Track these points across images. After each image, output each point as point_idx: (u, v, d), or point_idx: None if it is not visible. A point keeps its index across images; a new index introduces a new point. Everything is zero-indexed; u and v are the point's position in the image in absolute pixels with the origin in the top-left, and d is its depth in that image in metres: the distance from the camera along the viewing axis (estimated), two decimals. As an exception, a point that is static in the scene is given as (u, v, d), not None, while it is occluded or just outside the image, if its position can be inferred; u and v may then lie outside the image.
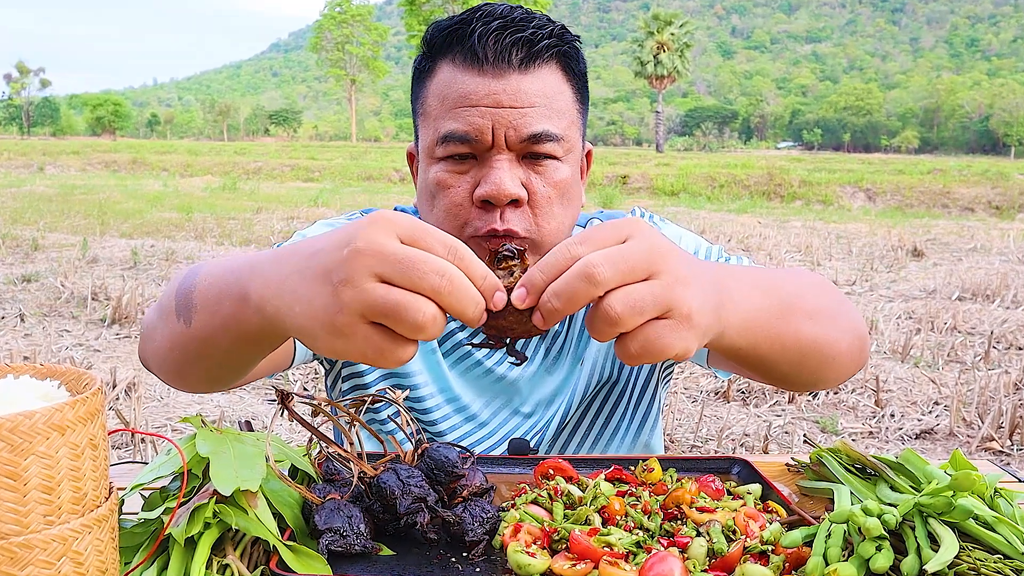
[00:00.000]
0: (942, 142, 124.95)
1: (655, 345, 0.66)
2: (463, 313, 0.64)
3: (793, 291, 0.91)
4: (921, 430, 4.34)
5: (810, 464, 1.01)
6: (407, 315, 0.62)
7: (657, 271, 0.66)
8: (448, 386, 1.23)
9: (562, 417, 1.24)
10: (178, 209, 15.33)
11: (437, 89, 1.07)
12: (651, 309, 0.65)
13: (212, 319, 0.82)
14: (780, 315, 0.85)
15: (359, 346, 0.64)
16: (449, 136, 1.04)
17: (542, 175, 1.05)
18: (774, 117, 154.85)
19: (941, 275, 8.94)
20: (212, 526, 0.72)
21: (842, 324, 0.97)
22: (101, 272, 8.22)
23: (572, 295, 0.64)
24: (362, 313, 0.63)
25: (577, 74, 1.10)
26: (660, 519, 0.81)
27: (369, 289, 0.63)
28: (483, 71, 1.03)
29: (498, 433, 1.25)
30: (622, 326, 0.65)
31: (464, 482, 0.84)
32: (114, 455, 3.69)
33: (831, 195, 22.94)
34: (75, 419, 0.60)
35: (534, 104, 1.03)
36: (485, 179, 1.03)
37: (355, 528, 0.75)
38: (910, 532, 0.75)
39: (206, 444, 0.76)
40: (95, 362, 5.19)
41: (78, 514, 0.61)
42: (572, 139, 1.08)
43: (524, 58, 1.03)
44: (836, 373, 0.99)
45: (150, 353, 0.99)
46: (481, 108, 1.02)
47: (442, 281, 0.63)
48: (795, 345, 0.88)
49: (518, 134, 1.02)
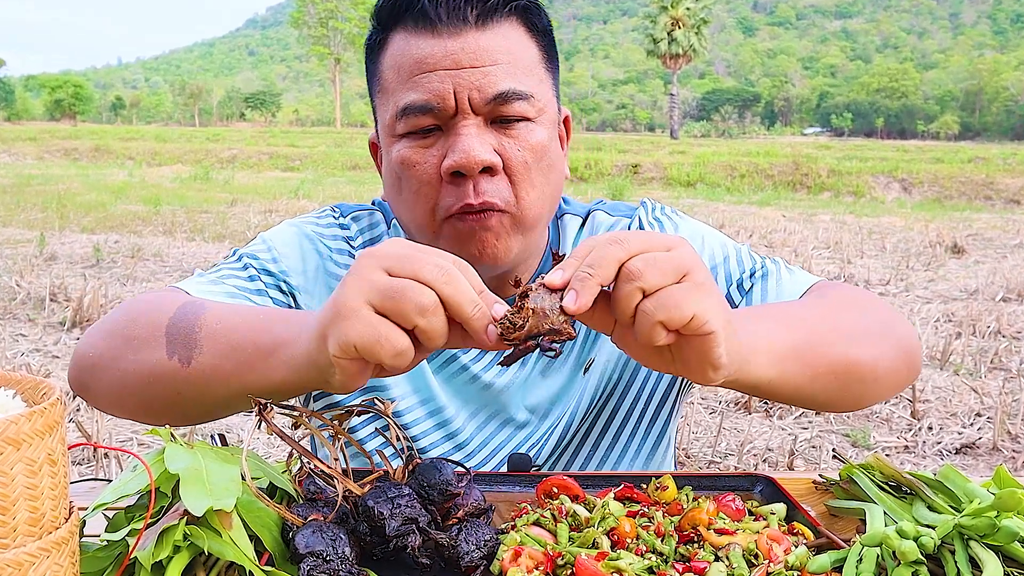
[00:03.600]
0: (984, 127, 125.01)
1: (669, 300, 0.74)
2: (460, 306, 0.75)
3: (825, 315, 0.99)
4: (962, 444, 4.34)
5: (840, 482, 1.01)
6: (410, 295, 0.73)
7: (675, 245, 0.77)
8: (432, 396, 1.21)
9: (563, 430, 1.22)
10: (145, 201, 15.33)
11: (392, 61, 1.07)
12: (670, 270, 0.74)
13: (223, 363, 0.88)
14: (810, 343, 0.93)
15: (362, 328, 0.74)
16: (409, 108, 1.03)
17: (515, 139, 1.05)
18: (800, 100, 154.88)
19: (983, 274, 8.95)
20: (182, 549, 0.72)
21: (884, 341, 1.01)
22: (60, 270, 8.22)
23: (602, 257, 0.75)
24: (368, 298, 0.75)
25: (541, 30, 1.10)
26: (675, 542, 0.81)
27: (374, 277, 0.75)
28: (438, 32, 1.03)
29: (484, 450, 1.23)
30: (643, 280, 0.74)
31: (459, 501, 0.84)
32: (75, 472, 3.68)
33: (863, 186, 22.96)
34: (32, 432, 0.60)
35: (497, 62, 1.03)
36: (452, 148, 1.02)
37: (339, 552, 0.75)
38: (949, 557, 0.75)
39: (176, 459, 0.76)
40: (54, 369, 5.19)
41: (35, 536, 0.61)
42: (544, 99, 1.08)
43: (480, 14, 1.03)
44: (881, 391, 1.03)
45: (106, 384, 0.98)
46: (440, 72, 1.02)
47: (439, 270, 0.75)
48: (831, 371, 0.95)
49: (483, 95, 1.02)
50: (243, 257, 1.19)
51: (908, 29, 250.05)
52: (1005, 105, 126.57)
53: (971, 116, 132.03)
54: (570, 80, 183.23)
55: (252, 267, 1.18)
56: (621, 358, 1.23)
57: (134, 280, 8.08)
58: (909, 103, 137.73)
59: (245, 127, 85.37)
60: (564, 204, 1.28)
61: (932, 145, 47.96)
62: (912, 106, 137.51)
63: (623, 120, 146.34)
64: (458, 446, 1.22)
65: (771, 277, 1.18)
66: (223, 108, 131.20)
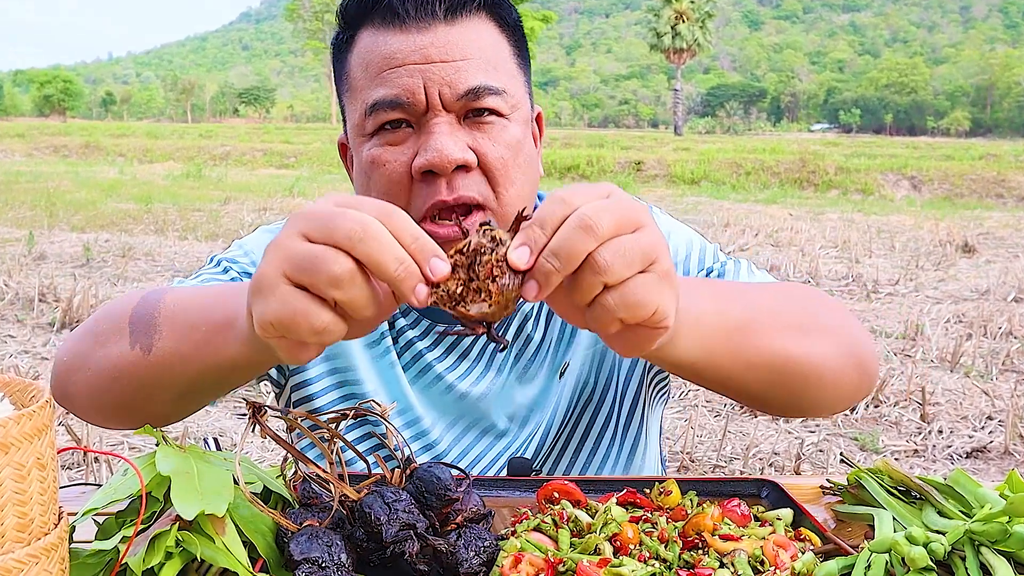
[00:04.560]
0: (996, 124, 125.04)
1: (634, 297, 0.69)
2: (381, 267, 0.67)
3: (767, 304, 0.94)
4: (972, 448, 4.34)
5: (848, 486, 1.01)
6: (322, 266, 0.67)
7: (643, 224, 0.71)
8: (409, 406, 1.21)
9: (543, 436, 1.21)
10: (136, 199, 15.34)
11: (359, 59, 1.07)
12: (638, 260, 0.69)
13: (180, 345, 0.87)
14: (742, 327, 0.88)
15: (276, 306, 0.68)
16: (378, 103, 1.03)
17: (489, 135, 1.04)
18: (807, 96, 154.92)
19: (995, 273, 8.95)
20: (174, 556, 0.72)
21: (832, 341, 0.97)
22: (49, 270, 8.22)
23: (571, 250, 0.67)
24: (283, 270, 0.69)
25: (511, 25, 1.10)
26: (679, 548, 0.81)
27: (290, 244, 0.69)
28: (406, 28, 1.03)
29: (463, 461, 1.22)
30: (609, 275, 0.68)
31: (458, 507, 0.84)
32: (64, 476, 3.69)
33: (871, 183, 22.95)
34: (20, 436, 0.60)
35: (467, 56, 1.03)
36: (424, 147, 1.01)
37: (335, 558, 0.75)
38: (960, 563, 0.75)
39: (168, 462, 0.76)
40: (43, 372, 5.19)
41: (24, 543, 0.61)
42: (517, 95, 1.07)
43: (449, 8, 1.03)
44: (827, 397, 0.99)
45: (80, 385, 0.98)
46: (409, 66, 1.02)
47: (355, 227, 0.67)
48: (765, 362, 0.91)
49: (454, 90, 1.01)
50: (222, 262, 1.20)
51: (918, 23, 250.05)
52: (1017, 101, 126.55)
53: (982, 112, 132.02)
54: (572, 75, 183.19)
55: (232, 270, 1.18)
56: (595, 359, 1.22)
57: (125, 280, 8.08)
58: (919, 99, 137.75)
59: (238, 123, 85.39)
60: (539, 201, 1.28)
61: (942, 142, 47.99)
62: (922, 102, 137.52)
63: (626, 116, 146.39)
64: (436, 457, 1.22)
65: (727, 276, 1.16)
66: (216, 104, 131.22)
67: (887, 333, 6.42)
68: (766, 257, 9.80)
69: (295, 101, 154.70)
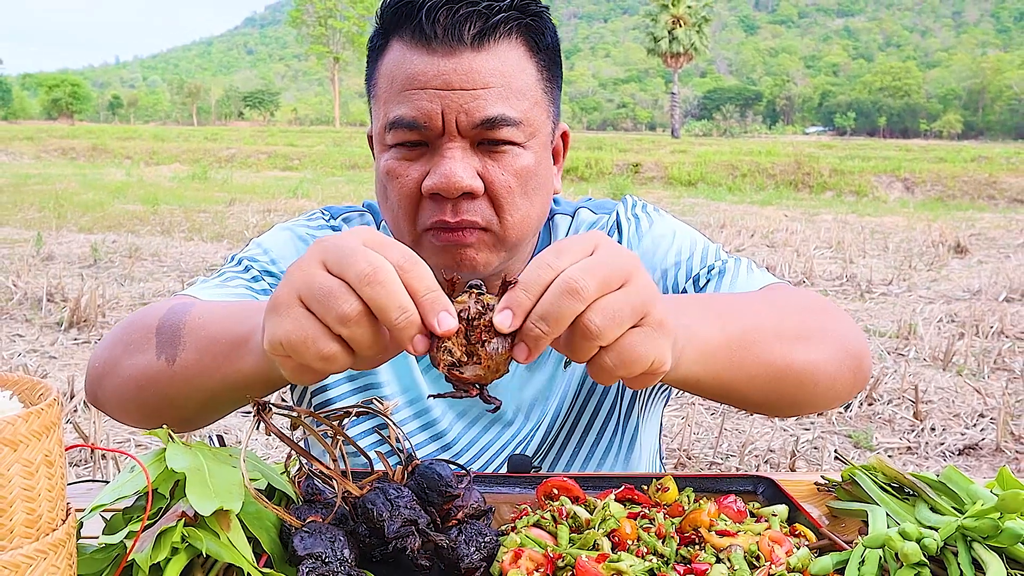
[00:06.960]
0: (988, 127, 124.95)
1: (631, 355, 0.70)
2: (384, 312, 0.68)
3: (765, 315, 0.95)
4: (965, 445, 4.34)
5: (842, 483, 1.01)
6: (332, 302, 0.68)
7: (630, 277, 0.71)
8: (419, 396, 1.22)
9: (548, 428, 1.22)
10: (142, 201, 15.33)
11: (387, 70, 1.07)
12: (629, 318, 0.70)
13: (202, 357, 0.89)
14: (743, 341, 0.90)
15: (288, 327, 0.70)
16: (397, 122, 1.04)
17: (500, 163, 1.05)
18: (802, 99, 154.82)
19: (987, 274, 8.94)
20: (180, 551, 0.72)
21: (827, 344, 0.98)
22: (57, 270, 8.22)
23: (559, 315, 0.68)
24: (299, 294, 0.70)
25: (543, 49, 1.09)
26: (676, 544, 0.81)
27: (308, 271, 0.71)
28: (432, 49, 1.03)
29: (471, 451, 1.23)
30: (602, 339, 0.69)
31: (459, 503, 0.84)
32: (72, 473, 3.69)
33: (865, 185, 22.95)
34: (28, 433, 0.60)
35: (488, 85, 1.02)
36: (434, 170, 1.03)
37: (338, 554, 0.75)
38: (952, 558, 0.75)
39: (180, 460, 0.76)
40: (51, 370, 5.19)
41: (32, 538, 0.61)
42: (536, 122, 1.07)
43: (478, 34, 1.02)
44: (824, 397, 1.00)
45: (110, 391, 1.01)
46: (430, 91, 1.02)
47: (368, 270, 0.68)
48: (765, 372, 0.92)
49: (470, 119, 1.02)
50: (243, 260, 1.22)
51: (911, 27, 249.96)
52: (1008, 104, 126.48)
53: (974, 115, 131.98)
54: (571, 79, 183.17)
55: (254, 268, 1.20)
56: None
57: (132, 280, 8.08)
58: (912, 102, 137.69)
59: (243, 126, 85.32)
60: (555, 205, 1.29)
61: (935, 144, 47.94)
62: (915, 105, 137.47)
63: (624, 119, 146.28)
64: (444, 447, 1.23)
65: (727, 275, 1.17)
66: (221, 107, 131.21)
67: (880, 332, 6.42)
68: (762, 258, 9.80)
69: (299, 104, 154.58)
